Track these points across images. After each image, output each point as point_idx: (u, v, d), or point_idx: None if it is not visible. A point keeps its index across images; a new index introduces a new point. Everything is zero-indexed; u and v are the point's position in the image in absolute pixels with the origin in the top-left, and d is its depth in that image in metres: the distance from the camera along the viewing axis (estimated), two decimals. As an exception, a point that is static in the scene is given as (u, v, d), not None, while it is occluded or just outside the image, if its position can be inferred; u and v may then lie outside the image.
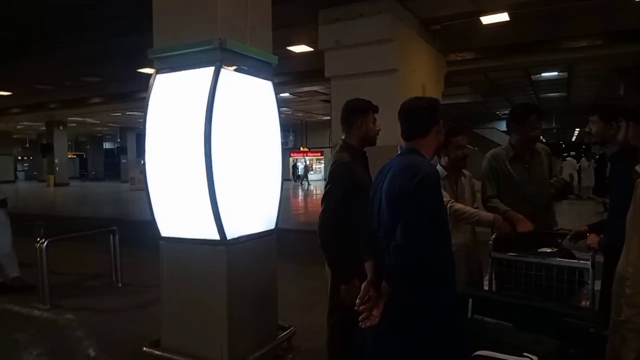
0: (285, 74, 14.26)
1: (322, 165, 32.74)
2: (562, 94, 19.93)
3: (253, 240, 3.38)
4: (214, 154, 2.97)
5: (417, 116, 1.94)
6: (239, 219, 3.23)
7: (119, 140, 36.46)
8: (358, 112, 2.59)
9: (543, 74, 16.38)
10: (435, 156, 2.19)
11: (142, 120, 3.35)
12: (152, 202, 3.29)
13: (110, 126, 33.35)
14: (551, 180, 2.94)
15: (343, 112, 2.67)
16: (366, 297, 1.85)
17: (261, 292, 3.49)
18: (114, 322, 4.60)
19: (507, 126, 3.10)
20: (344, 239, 2.43)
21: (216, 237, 3.07)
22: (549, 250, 2.60)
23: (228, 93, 3.11)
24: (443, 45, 10.90)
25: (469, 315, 2.36)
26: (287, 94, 18.98)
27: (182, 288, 3.27)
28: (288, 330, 3.69)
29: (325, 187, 2.58)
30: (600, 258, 2.39)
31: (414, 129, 1.93)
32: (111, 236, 5.97)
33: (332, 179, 2.53)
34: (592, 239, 2.42)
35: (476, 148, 20.52)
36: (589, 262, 2.41)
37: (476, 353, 1.98)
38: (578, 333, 1.99)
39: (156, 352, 3.34)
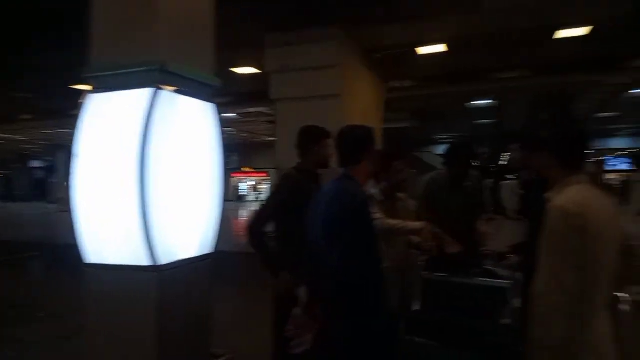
0: (231, 95, 14.22)
1: (269, 185, 32.68)
2: (494, 120, 21.25)
3: (188, 265, 3.30)
4: (149, 176, 2.89)
5: (351, 144, 2.02)
6: (174, 243, 3.14)
7: (47, 158, 34.32)
8: (313, 139, 2.73)
9: (477, 102, 17.40)
10: (373, 181, 2.28)
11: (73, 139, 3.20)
12: (79, 226, 3.13)
13: (40, 144, 31.40)
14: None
15: (299, 138, 2.82)
16: (298, 322, 1.86)
17: (195, 321, 3.39)
18: (36, 355, 4.28)
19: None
20: (277, 240, 2.64)
21: (148, 262, 2.97)
22: (475, 271, 2.75)
23: (166, 114, 3.06)
24: (384, 72, 11.34)
25: (401, 335, 2.43)
26: (232, 115, 18.86)
27: (109, 318, 3.09)
28: (222, 358, 3.60)
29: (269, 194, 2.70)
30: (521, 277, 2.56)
31: (348, 156, 2.01)
32: (33, 262, 5.59)
33: (277, 186, 2.73)
34: (512, 260, 2.59)
35: (415, 170, 21.21)
36: (510, 282, 2.57)
37: (406, 374, 2.05)
38: (498, 350, 2.11)
39: (81, 385, 3.14)
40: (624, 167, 29.34)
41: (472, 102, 17.38)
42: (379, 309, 1.89)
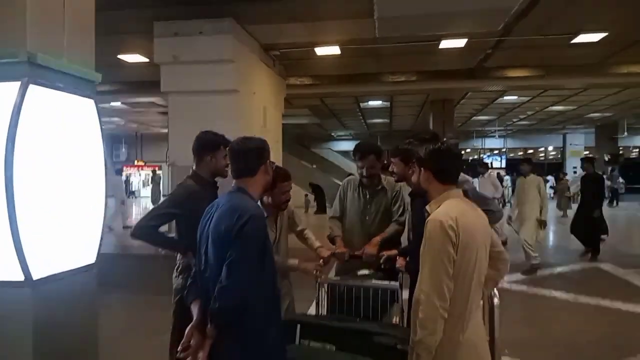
0: (118, 83, 13.21)
1: (162, 180, 30.93)
2: (386, 120, 22.46)
3: (68, 278, 2.99)
4: (18, 179, 2.57)
5: (245, 156, 1.97)
6: (50, 253, 2.83)
7: None
8: (208, 147, 2.63)
9: (370, 103, 18.25)
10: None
11: None
12: None
13: None
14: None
15: (194, 145, 2.69)
16: (189, 341, 1.79)
17: (78, 338, 3.10)
18: None
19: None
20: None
21: (19, 277, 2.64)
22: (366, 272, 2.88)
23: (38, 112, 2.74)
24: (283, 69, 11.37)
25: (298, 341, 2.46)
26: (119, 104, 17.52)
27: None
28: (111, 373, 3.35)
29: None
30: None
31: (242, 168, 1.96)
32: None
33: (171, 193, 2.71)
34: (401, 262, 2.76)
35: (314, 165, 21.67)
36: (398, 283, 2.74)
37: (301, 380, 2.08)
38: (387, 350, 2.24)
39: None
40: (497, 164, 32.99)
41: (366, 103, 18.16)
42: (274, 321, 1.89)
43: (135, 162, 30.63)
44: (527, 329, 4.75)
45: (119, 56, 10.63)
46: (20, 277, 2.64)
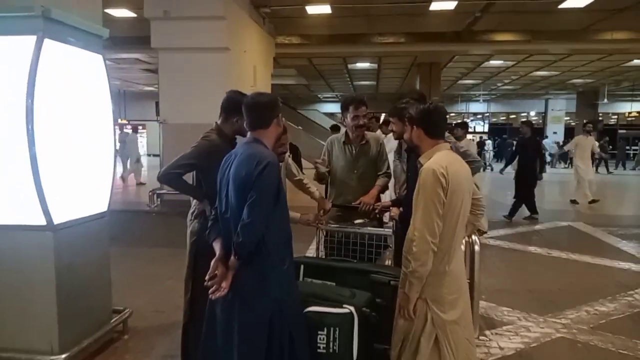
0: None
1: (144, 138, 30.55)
2: (372, 82, 22.47)
3: (83, 224, 3.22)
4: (37, 130, 2.73)
5: (259, 110, 2.18)
6: (68, 201, 3.04)
7: None
8: (237, 109, 2.70)
9: (358, 64, 18.22)
10: None
11: None
12: (-44, 185, 2.85)
13: None
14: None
15: (224, 103, 2.80)
16: (215, 272, 2.05)
17: (92, 278, 3.36)
18: None
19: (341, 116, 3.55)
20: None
21: (42, 222, 2.85)
22: (361, 221, 3.17)
23: (52, 66, 2.87)
24: (272, 28, 11.30)
25: (301, 278, 2.76)
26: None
27: (1, 278, 2.95)
28: (122, 313, 3.64)
29: None
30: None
31: (258, 121, 2.17)
32: None
33: (195, 145, 2.75)
34: (394, 212, 3.04)
35: (300, 127, 21.75)
36: (391, 230, 3.03)
37: (308, 309, 2.38)
38: (382, 286, 2.54)
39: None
40: (479, 129, 33.49)
41: (354, 64, 18.12)
42: (287, 255, 2.17)
43: (119, 120, 30.14)
44: (503, 279, 5.19)
45: (106, 10, 10.39)
46: (43, 222, 2.85)
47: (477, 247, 3.41)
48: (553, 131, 28.79)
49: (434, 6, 9.95)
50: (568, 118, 30.02)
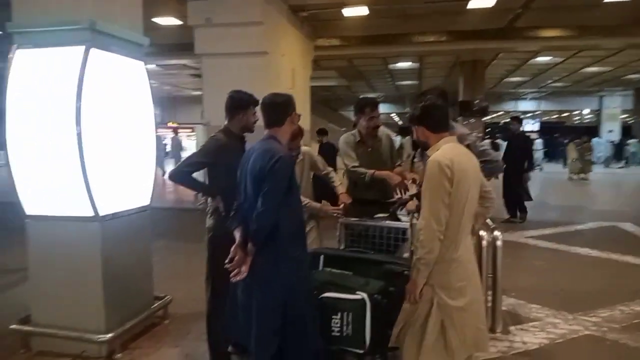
0: (152, 46, 13.57)
1: (195, 141, 31.74)
2: (415, 82, 22.26)
3: (127, 216, 3.52)
4: (85, 131, 3.05)
5: (274, 109, 2.37)
6: (113, 195, 3.35)
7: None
8: (240, 106, 2.92)
9: (399, 64, 18.15)
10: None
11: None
12: (16, 180, 3.22)
13: None
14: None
15: (227, 103, 2.97)
16: (235, 257, 2.25)
17: (136, 265, 3.67)
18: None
19: (354, 117, 3.68)
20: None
21: (90, 213, 3.17)
22: (382, 215, 3.28)
23: (98, 72, 3.19)
24: (311, 31, 11.51)
25: (321, 268, 2.91)
26: (153, 66, 18.04)
27: (53, 264, 3.29)
28: (163, 299, 3.93)
29: None
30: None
31: (273, 119, 2.36)
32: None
33: (203, 145, 2.97)
34: (411, 205, 3.13)
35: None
36: (409, 223, 3.13)
37: (323, 295, 2.54)
38: (396, 276, 2.65)
39: (26, 328, 3.34)
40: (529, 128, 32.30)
41: (394, 64, 18.08)
42: (300, 242, 2.34)
43: (169, 124, 31.46)
44: (536, 277, 5.12)
45: (153, 19, 11.00)
46: (91, 213, 3.17)
47: (499, 243, 3.43)
48: (608, 130, 27.35)
49: (472, 4, 9.82)
50: (625, 115, 28.41)
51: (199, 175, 3.05)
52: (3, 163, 3.37)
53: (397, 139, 3.96)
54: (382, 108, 30.39)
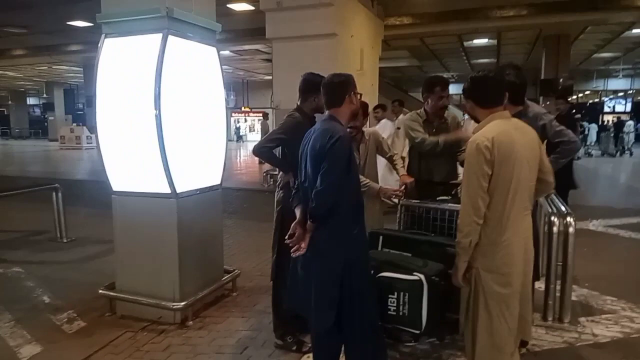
0: (226, 32, 13.97)
1: (270, 126, 32.59)
2: (492, 60, 21.12)
3: (200, 194, 3.77)
4: (164, 114, 3.28)
5: (333, 89, 2.41)
6: (187, 175, 3.60)
7: (45, 95, 33.98)
8: (313, 89, 2.97)
9: (475, 41, 17.31)
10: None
11: (89, 81, 3.55)
12: (104, 159, 3.57)
13: (35, 80, 31.10)
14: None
15: (301, 85, 3.07)
16: (293, 233, 2.35)
17: (208, 240, 3.93)
18: (63, 273, 4.85)
19: (422, 95, 3.62)
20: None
21: (167, 191, 3.44)
22: (445, 198, 3.24)
23: (175, 58, 3.40)
24: (381, 9, 11.31)
25: (379, 248, 2.96)
26: (227, 52, 18.73)
27: (135, 237, 3.62)
28: (232, 273, 4.19)
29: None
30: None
31: (332, 99, 2.41)
32: (54, 193, 6.05)
33: (282, 122, 3.08)
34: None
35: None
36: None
37: (380, 274, 2.59)
38: (454, 258, 2.63)
39: (112, 293, 3.72)
40: (620, 108, 29.53)
41: (470, 41, 17.26)
42: (358, 221, 2.38)
43: (242, 108, 32.60)
44: (613, 268, 4.79)
45: (228, 5, 11.38)
46: (168, 191, 3.44)
47: (571, 229, 3.26)
48: None
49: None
50: None
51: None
52: (95, 145, 3.71)
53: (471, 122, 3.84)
54: (457, 89, 29.35)
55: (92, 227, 6.32)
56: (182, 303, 3.50)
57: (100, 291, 3.75)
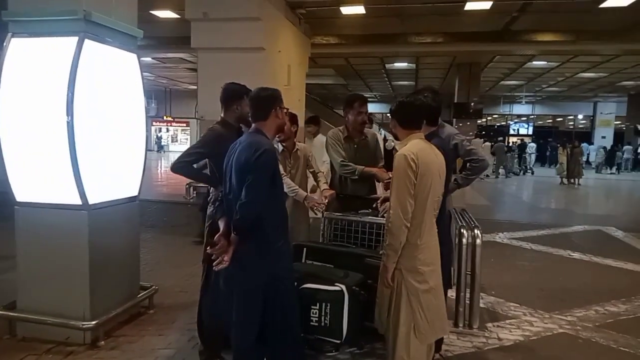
0: (149, 38, 13.62)
1: (188, 136, 31.73)
2: (411, 82, 22.37)
3: (115, 206, 3.58)
4: (76, 120, 3.09)
5: (259, 103, 2.43)
6: (102, 185, 3.39)
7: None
8: (234, 97, 2.98)
9: (395, 64, 18.24)
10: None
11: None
12: (7, 167, 3.27)
13: None
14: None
15: (222, 95, 3.04)
16: (218, 246, 2.31)
17: (123, 256, 3.71)
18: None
19: (343, 111, 3.76)
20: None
21: (78, 202, 3.22)
22: (365, 211, 3.36)
23: (91, 62, 3.23)
24: (308, 28, 11.56)
25: (303, 260, 2.99)
26: (149, 59, 18.04)
27: (40, 251, 3.34)
28: (149, 290, 3.99)
29: None
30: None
31: (257, 113, 2.43)
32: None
33: (202, 136, 3.05)
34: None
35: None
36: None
37: (303, 286, 2.62)
38: (374, 269, 2.72)
39: (11, 313, 3.38)
40: (523, 131, 32.49)
41: (391, 64, 18.16)
42: (282, 233, 2.40)
43: (164, 117, 31.46)
44: (516, 277, 5.23)
45: (151, 11, 11.01)
46: (79, 202, 3.22)
47: (478, 241, 3.52)
48: (602, 135, 27.63)
49: (469, 6, 9.91)
50: (619, 122, 28.68)
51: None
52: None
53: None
54: (378, 108, 30.60)
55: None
56: (93, 322, 3.27)
57: (-3, 312, 3.40)
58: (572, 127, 32.29)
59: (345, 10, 10.39)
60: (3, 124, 3.25)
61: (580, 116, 31.42)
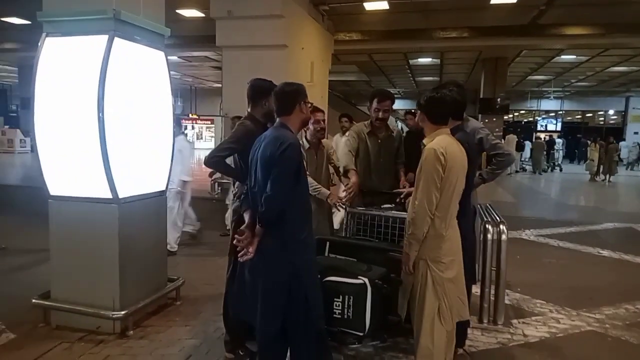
0: (175, 37, 13.86)
1: (213, 134, 32.12)
2: (435, 78, 22.08)
3: (144, 200, 3.68)
4: (107, 117, 3.19)
5: (284, 98, 2.46)
6: (131, 179, 3.49)
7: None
8: (262, 93, 2.99)
9: (419, 60, 18.06)
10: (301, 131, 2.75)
11: (30, 82, 3.39)
12: (42, 162, 3.40)
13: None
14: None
15: (249, 91, 3.06)
16: (243, 237, 2.36)
17: (151, 248, 3.82)
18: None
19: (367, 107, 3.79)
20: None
21: (108, 195, 3.33)
22: (389, 206, 3.36)
23: (121, 60, 3.32)
24: (331, 25, 11.56)
25: (326, 254, 3.02)
26: (175, 58, 18.34)
27: (72, 243, 3.47)
28: (176, 282, 4.09)
29: None
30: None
31: (282, 108, 2.46)
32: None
33: (233, 131, 3.07)
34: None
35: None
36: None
37: (326, 278, 2.65)
38: (398, 263, 2.74)
39: (46, 302, 3.52)
40: (551, 127, 31.71)
41: (415, 60, 17.98)
42: (306, 227, 2.43)
43: (190, 115, 31.92)
44: (543, 274, 5.14)
45: (177, 10, 11.21)
46: (110, 196, 3.33)
47: (504, 237, 3.48)
48: (634, 131, 26.72)
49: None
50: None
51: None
52: (29, 149, 3.53)
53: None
54: (402, 104, 30.31)
55: (24, 236, 5.95)
56: (122, 312, 3.37)
57: (34, 300, 3.54)
58: (602, 122, 31.29)
59: (369, 5, 10.35)
60: (38, 120, 3.38)
61: (611, 112, 30.46)
